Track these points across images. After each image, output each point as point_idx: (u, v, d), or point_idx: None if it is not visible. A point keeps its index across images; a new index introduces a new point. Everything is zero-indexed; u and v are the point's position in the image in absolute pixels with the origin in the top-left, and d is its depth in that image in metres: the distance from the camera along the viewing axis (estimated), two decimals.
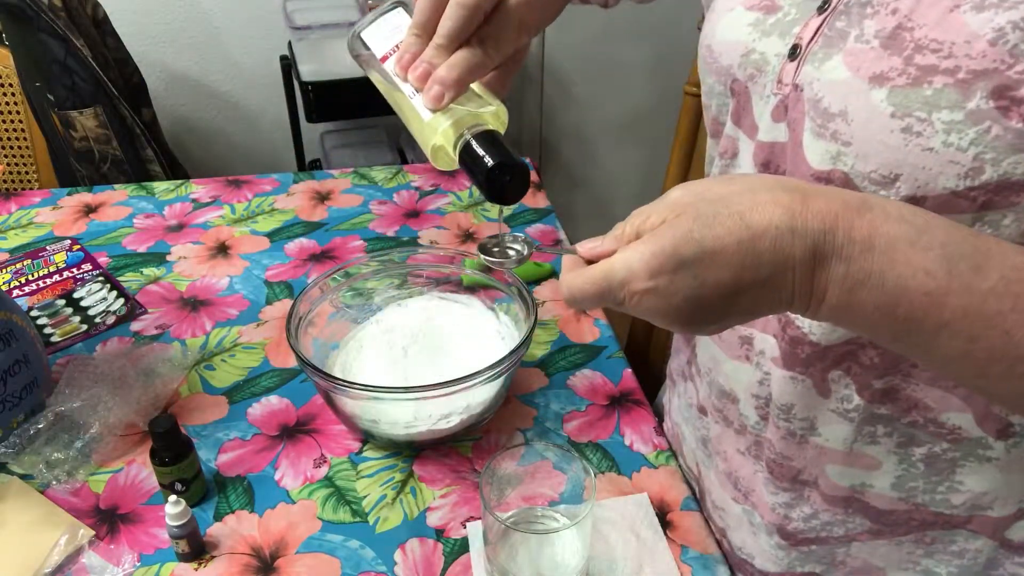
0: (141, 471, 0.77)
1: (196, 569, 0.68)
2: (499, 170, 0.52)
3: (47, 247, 1.07)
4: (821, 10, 0.54)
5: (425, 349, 0.83)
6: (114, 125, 1.54)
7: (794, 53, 0.55)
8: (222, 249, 1.08)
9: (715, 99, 0.66)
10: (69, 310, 0.97)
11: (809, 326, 0.57)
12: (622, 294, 0.46)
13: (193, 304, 0.98)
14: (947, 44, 0.45)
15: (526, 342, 0.75)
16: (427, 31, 0.55)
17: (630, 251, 0.45)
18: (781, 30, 0.57)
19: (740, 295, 0.44)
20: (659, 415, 0.86)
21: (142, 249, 1.08)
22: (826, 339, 0.57)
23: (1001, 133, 0.44)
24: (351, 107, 1.84)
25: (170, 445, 0.70)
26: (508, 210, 1.17)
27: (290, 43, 1.86)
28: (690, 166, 1.17)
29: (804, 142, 0.54)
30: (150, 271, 1.04)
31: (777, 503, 0.66)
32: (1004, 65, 0.44)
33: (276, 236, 1.11)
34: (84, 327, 0.95)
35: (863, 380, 0.58)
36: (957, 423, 0.56)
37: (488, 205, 1.19)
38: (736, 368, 0.66)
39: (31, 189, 1.51)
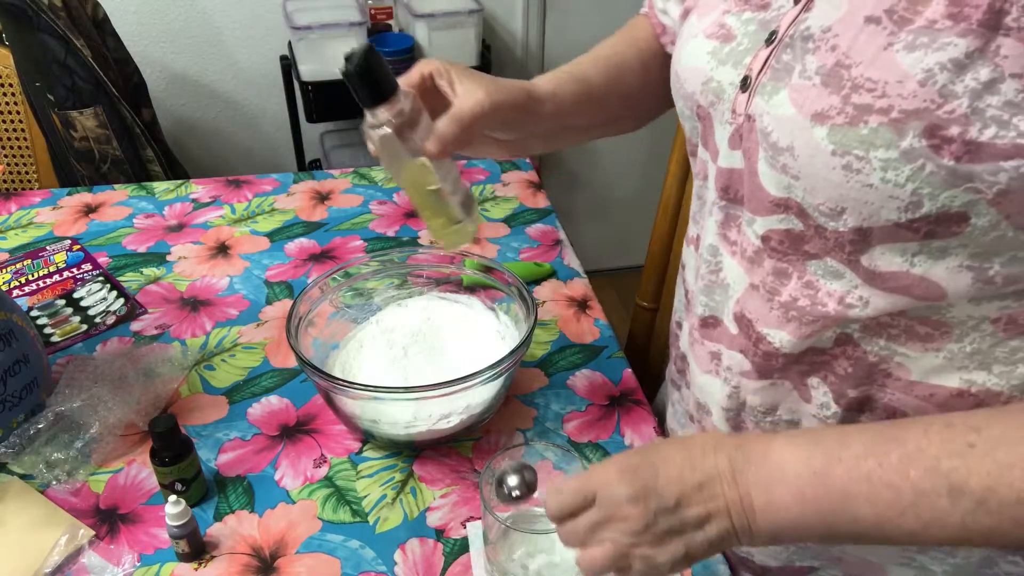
0: (141, 471, 0.77)
1: (196, 569, 0.68)
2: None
3: (47, 247, 1.07)
4: (768, 42, 0.56)
5: (425, 349, 0.83)
6: (114, 125, 1.54)
7: (745, 84, 0.58)
8: (222, 249, 1.08)
9: (686, 121, 0.69)
10: (69, 310, 0.97)
11: (780, 341, 0.60)
12: (596, 480, 0.55)
13: (193, 304, 0.98)
14: (881, 83, 0.47)
15: (526, 342, 0.75)
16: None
17: (605, 460, 0.56)
18: (735, 60, 0.59)
19: (688, 497, 0.53)
20: (659, 415, 0.86)
21: (142, 249, 1.08)
22: (796, 348, 0.59)
23: (935, 170, 0.46)
24: (351, 107, 1.82)
25: (170, 445, 0.70)
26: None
27: (290, 43, 1.86)
28: (690, 167, 1.17)
29: (760, 171, 0.56)
30: (150, 271, 1.04)
31: None
32: (934, 105, 0.45)
33: (276, 236, 1.11)
34: (84, 327, 0.95)
35: (839, 389, 0.60)
36: None
37: (488, 205, 1.19)
38: (708, 381, 0.69)
39: (31, 189, 1.51)
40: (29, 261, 1.05)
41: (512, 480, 0.63)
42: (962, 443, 0.47)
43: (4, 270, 1.03)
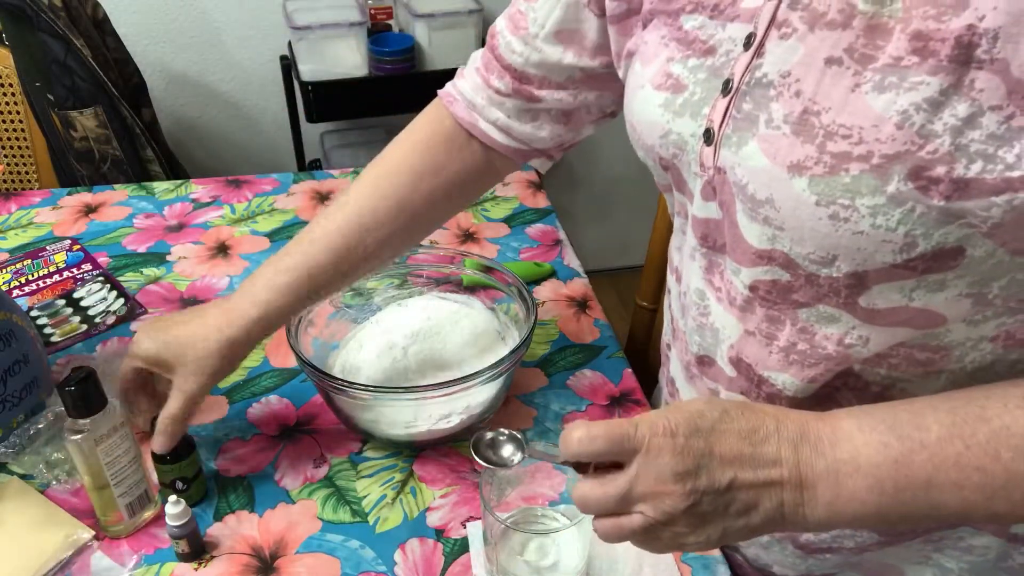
0: None
1: (196, 569, 0.68)
2: None
3: (47, 247, 1.07)
4: (725, 91, 0.53)
5: (425, 349, 0.83)
6: (114, 125, 1.54)
7: (708, 136, 0.55)
8: (222, 249, 1.08)
9: (652, 169, 0.65)
10: (69, 310, 0.97)
11: (783, 383, 0.58)
12: (639, 442, 0.48)
13: (193, 304, 0.98)
14: (856, 129, 0.46)
15: (526, 342, 0.75)
16: None
17: (649, 416, 0.50)
18: (691, 110, 0.56)
19: (741, 482, 0.48)
20: None
21: (142, 249, 1.08)
22: (802, 393, 0.57)
23: (925, 211, 0.45)
24: (351, 107, 1.84)
25: None
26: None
27: (290, 43, 1.86)
28: None
29: (740, 223, 0.54)
30: (150, 271, 1.04)
31: None
32: (915, 147, 0.44)
33: (276, 236, 1.11)
34: (84, 327, 0.95)
35: None
36: None
37: (488, 205, 1.19)
38: None
39: (31, 189, 1.51)
40: (29, 261, 1.05)
41: (494, 445, 0.59)
42: None
43: (4, 270, 1.03)
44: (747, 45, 0.52)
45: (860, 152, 0.45)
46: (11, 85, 1.52)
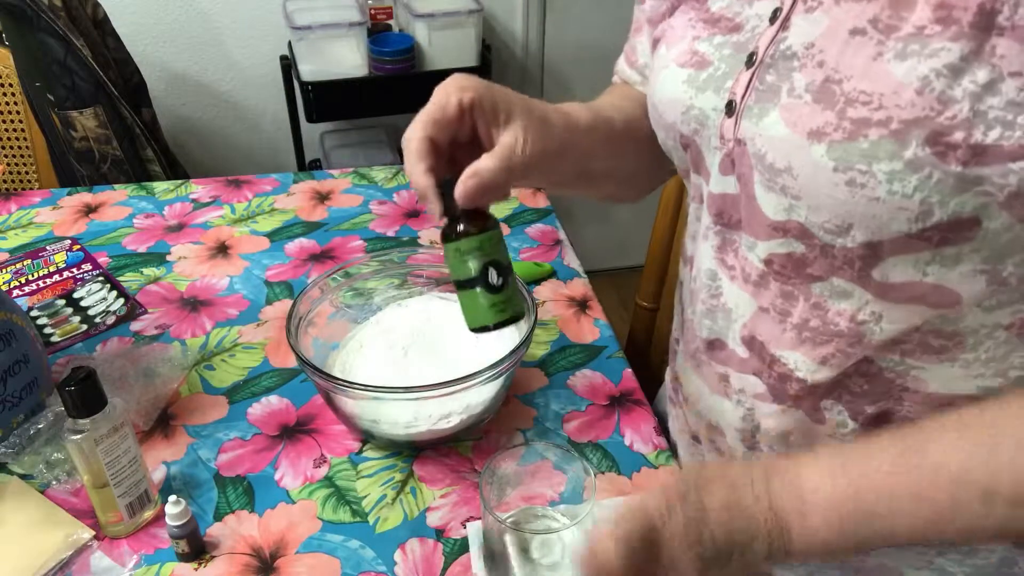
0: None
1: (196, 569, 0.68)
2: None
3: (47, 247, 1.07)
4: (749, 64, 0.55)
5: (425, 349, 0.83)
6: (114, 125, 1.54)
7: (730, 108, 0.56)
8: (222, 249, 1.08)
9: (672, 152, 0.67)
10: (69, 310, 0.97)
11: (795, 363, 0.58)
12: (658, 515, 0.50)
13: (193, 304, 0.98)
14: (876, 95, 0.46)
15: (526, 342, 0.75)
16: None
17: (640, 496, 0.51)
18: (715, 85, 0.58)
19: (733, 536, 0.50)
20: (658, 415, 0.86)
21: (142, 249, 1.08)
22: (813, 377, 0.58)
23: (943, 177, 0.45)
24: (351, 107, 1.84)
25: None
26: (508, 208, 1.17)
27: (290, 43, 1.86)
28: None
29: (757, 194, 0.55)
30: (150, 271, 1.04)
31: None
32: (934, 112, 0.44)
33: (276, 236, 1.11)
34: (84, 327, 0.95)
35: (855, 407, 0.59)
36: None
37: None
38: (718, 402, 0.67)
39: (31, 189, 1.51)
40: (29, 261, 1.05)
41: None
42: (983, 444, 0.47)
43: (4, 270, 1.03)
44: (773, 19, 0.54)
45: (880, 117, 0.46)
46: (11, 85, 1.52)
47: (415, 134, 0.57)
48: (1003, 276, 0.49)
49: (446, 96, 0.57)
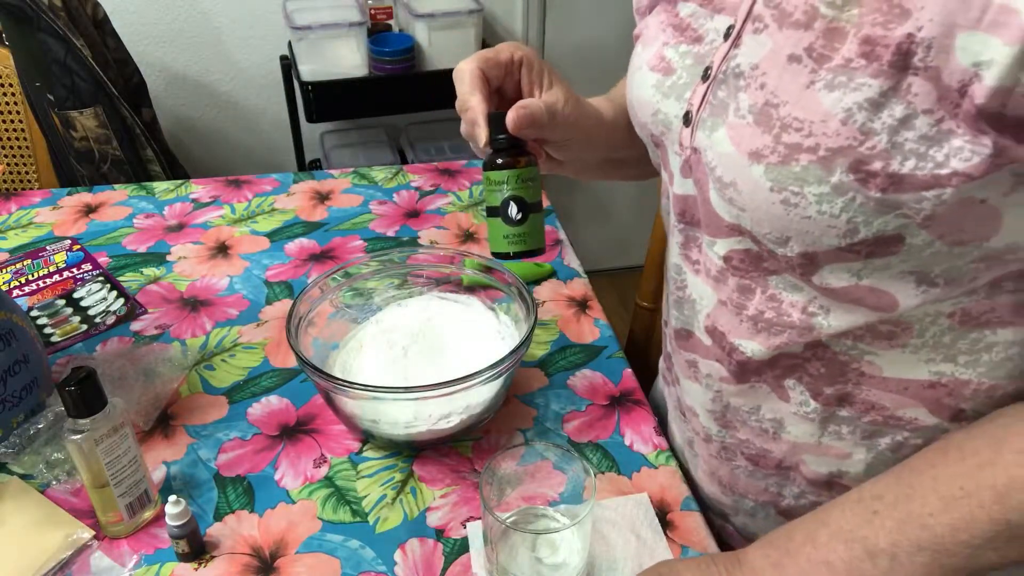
0: None
1: (196, 569, 0.68)
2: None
3: (47, 247, 1.07)
4: (704, 78, 0.58)
5: (425, 349, 0.83)
6: (114, 125, 1.54)
7: (687, 118, 0.60)
8: (222, 249, 1.08)
9: (647, 146, 0.71)
10: (69, 310, 0.97)
11: (752, 351, 0.62)
12: None
13: (193, 304, 0.98)
14: (807, 123, 0.49)
15: (526, 342, 0.75)
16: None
17: None
18: (676, 94, 0.61)
19: None
20: (654, 408, 0.86)
21: (142, 249, 1.08)
22: (764, 355, 0.61)
23: (865, 201, 0.48)
24: (351, 107, 1.84)
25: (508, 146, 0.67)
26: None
27: (290, 43, 1.86)
28: None
29: (712, 199, 0.58)
30: (150, 271, 1.04)
31: (769, 484, 0.70)
32: (856, 142, 0.47)
33: (276, 236, 1.11)
34: (84, 327, 0.95)
35: (815, 388, 0.62)
36: (914, 415, 0.60)
37: None
38: (689, 386, 0.71)
39: (31, 189, 1.51)
40: (29, 261, 1.05)
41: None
42: (868, 514, 0.54)
43: (4, 270, 1.03)
44: (727, 36, 0.57)
45: (809, 144, 0.49)
46: (11, 85, 1.52)
47: (470, 65, 0.64)
48: (932, 278, 0.52)
49: (500, 47, 0.65)
